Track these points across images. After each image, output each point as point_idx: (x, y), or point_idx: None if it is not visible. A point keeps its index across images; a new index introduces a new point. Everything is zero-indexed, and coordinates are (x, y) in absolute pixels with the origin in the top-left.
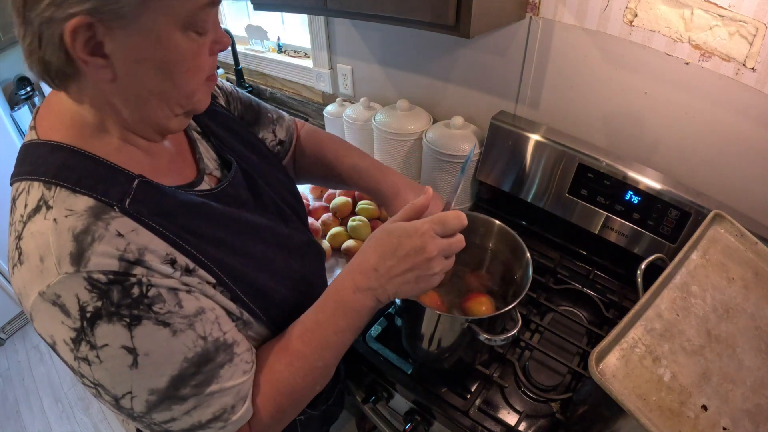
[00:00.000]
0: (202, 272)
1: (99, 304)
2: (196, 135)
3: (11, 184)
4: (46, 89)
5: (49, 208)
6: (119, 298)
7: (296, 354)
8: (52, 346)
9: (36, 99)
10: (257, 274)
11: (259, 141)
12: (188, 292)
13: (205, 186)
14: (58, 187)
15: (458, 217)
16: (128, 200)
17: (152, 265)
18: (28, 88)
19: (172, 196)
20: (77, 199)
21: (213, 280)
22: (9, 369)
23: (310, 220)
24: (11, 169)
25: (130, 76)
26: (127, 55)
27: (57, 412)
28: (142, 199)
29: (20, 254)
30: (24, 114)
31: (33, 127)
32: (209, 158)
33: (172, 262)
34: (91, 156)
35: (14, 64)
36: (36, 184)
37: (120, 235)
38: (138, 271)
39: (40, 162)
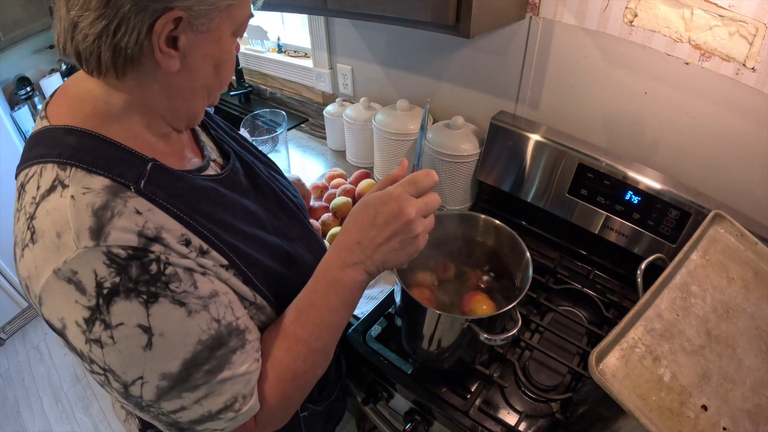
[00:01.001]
0: (215, 254)
1: (117, 279)
2: (197, 126)
3: (18, 174)
4: (47, 89)
5: (65, 186)
6: (137, 274)
7: (294, 338)
8: (61, 331)
9: (36, 99)
10: (266, 258)
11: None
12: (203, 273)
13: (211, 172)
14: (74, 168)
15: (428, 175)
16: (143, 182)
17: (170, 244)
18: (28, 88)
19: (184, 179)
20: (93, 179)
21: (225, 262)
22: (9, 369)
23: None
24: (11, 169)
25: (193, 69)
26: (196, 51)
27: (57, 412)
28: (157, 181)
29: (33, 233)
30: (24, 114)
31: (44, 117)
32: (211, 147)
33: (187, 243)
34: (107, 139)
35: (14, 64)
36: (49, 165)
37: (138, 212)
38: (156, 248)
39: (54, 145)
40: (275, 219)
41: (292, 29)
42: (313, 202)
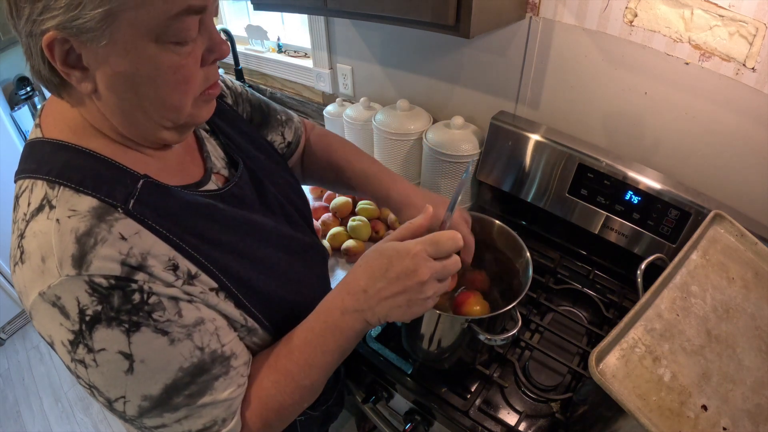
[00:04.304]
0: (204, 277)
1: (99, 308)
2: (203, 133)
3: (15, 182)
4: (47, 90)
5: (52, 207)
6: (119, 304)
7: (283, 372)
8: (51, 345)
9: (36, 99)
10: (259, 277)
11: (266, 141)
12: (189, 301)
13: (212, 186)
14: (62, 187)
15: (453, 238)
16: (132, 201)
17: (154, 272)
18: (28, 88)
19: (177, 197)
20: (81, 200)
21: (215, 285)
22: (9, 369)
23: None
24: (12, 169)
25: (108, 88)
26: (103, 68)
27: (57, 412)
28: (147, 200)
29: (22, 253)
30: (24, 114)
31: (38, 125)
32: (217, 157)
33: (175, 268)
34: (97, 155)
35: (14, 64)
36: (39, 182)
37: (123, 238)
38: (140, 276)
39: (45, 160)
40: (278, 232)
41: (292, 29)
42: (313, 202)
